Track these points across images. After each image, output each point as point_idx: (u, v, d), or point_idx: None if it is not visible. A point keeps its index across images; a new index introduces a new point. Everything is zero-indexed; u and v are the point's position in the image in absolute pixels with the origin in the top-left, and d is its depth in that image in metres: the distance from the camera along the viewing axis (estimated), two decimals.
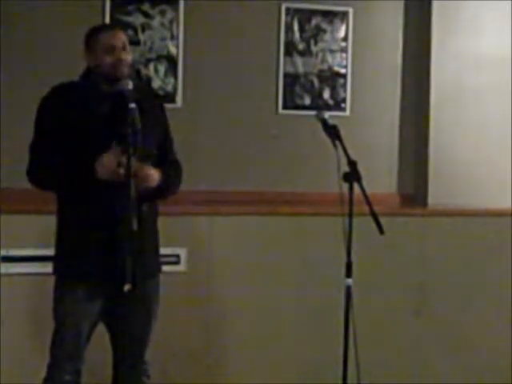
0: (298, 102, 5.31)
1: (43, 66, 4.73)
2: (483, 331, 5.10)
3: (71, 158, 3.30)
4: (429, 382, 4.99)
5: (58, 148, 3.32)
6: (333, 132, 3.68)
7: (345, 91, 5.38)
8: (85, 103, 3.35)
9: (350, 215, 3.57)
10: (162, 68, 5.05)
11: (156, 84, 5.01)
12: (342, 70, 5.38)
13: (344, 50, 5.37)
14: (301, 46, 5.30)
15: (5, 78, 4.71)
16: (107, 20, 4.83)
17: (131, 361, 3.50)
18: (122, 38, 3.42)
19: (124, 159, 3.20)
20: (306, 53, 5.31)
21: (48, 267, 3.49)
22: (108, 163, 3.24)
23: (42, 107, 3.43)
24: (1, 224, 4.22)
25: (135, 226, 3.20)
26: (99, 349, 3.58)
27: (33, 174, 3.40)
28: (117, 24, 3.76)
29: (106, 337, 3.53)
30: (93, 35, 3.45)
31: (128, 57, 3.41)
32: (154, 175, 3.34)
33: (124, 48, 3.40)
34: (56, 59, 4.75)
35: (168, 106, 3.66)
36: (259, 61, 5.22)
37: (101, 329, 3.51)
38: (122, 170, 3.21)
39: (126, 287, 3.32)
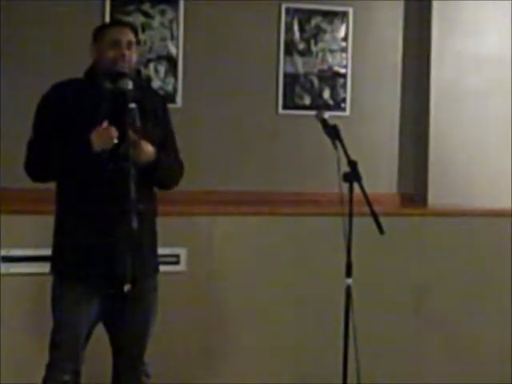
0: (298, 102, 5.31)
1: (43, 66, 4.73)
2: (483, 331, 5.09)
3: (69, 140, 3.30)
4: (429, 381, 4.99)
5: (56, 144, 3.31)
6: (333, 132, 3.68)
7: (345, 91, 5.39)
8: (85, 102, 3.34)
9: (350, 215, 3.57)
10: (162, 68, 5.05)
11: (156, 84, 5.01)
12: (342, 70, 5.38)
13: (344, 50, 5.37)
14: (301, 46, 5.30)
15: (5, 78, 4.72)
16: (107, 20, 4.84)
17: (130, 361, 3.50)
18: (128, 35, 3.41)
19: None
20: (306, 53, 5.31)
21: (48, 267, 3.49)
22: (100, 130, 3.25)
23: (42, 105, 3.42)
24: (1, 224, 4.22)
25: (135, 225, 3.20)
26: (99, 349, 3.58)
27: (31, 164, 3.38)
28: (128, 23, 3.75)
29: (106, 337, 3.53)
30: (102, 29, 3.47)
31: (132, 55, 3.40)
32: (147, 146, 3.32)
33: (129, 46, 3.39)
34: (56, 59, 4.75)
35: (168, 106, 3.66)
36: (259, 61, 5.23)
37: (100, 329, 3.51)
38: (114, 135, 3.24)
39: (126, 287, 3.33)
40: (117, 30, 3.42)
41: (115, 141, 3.25)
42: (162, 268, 3.59)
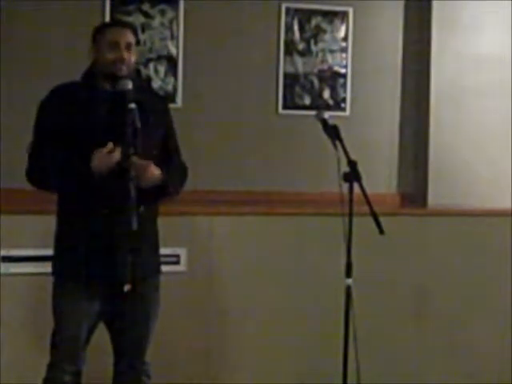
0: (298, 102, 5.31)
1: (43, 67, 4.73)
2: (483, 331, 5.10)
3: (71, 156, 3.29)
4: (429, 382, 4.99)
5: (57, 149, 3.31)
6: (333, 132, 3.68)
7: (345, 91, 5.38)
8: (84, 104, 3.34)
9: (350, 215, 3.57)
10: (161, 68, 5.05)
11: (156, 84, 5.01)
12: (342, 70, 5.38)
13: (344, 50, 5.37)
14: (301, 46, 5.30)
15: (5, 79, 4.72)
16: (107, 20, 4.83)
17: (131, 361, 3.50)
18: (127, 37, 3.40)
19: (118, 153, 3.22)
20: (306, 53, 5.31)
21: (48, 267, 3.49)
22: (102, 154, 3.24)
23: (41, 110, 3.42)
24: (1, 224, 4.22)
25: (135, 226, 3.20)
26: (100, 349, 3.58)
27: (32, 173, 3.39)
28: (127, 23, 3.75)
29: (107, 337, 3.53)
30: (101, 29, 3.45)
31: (131, 57, 3.39)
32: (154, 171, 3.32)
33: (128, 47, 3.38)
34: (56, 59, 4.75)
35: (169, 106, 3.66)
36: (259, 61, 5.22)
37: (101, 329, 3.51)
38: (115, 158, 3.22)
39: (126, 287, 3.32)
40: (116, 31, 3.41)
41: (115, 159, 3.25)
42: (162, 268, 3.59)
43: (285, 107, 5.29)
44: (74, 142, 3.29)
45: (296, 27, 5.28)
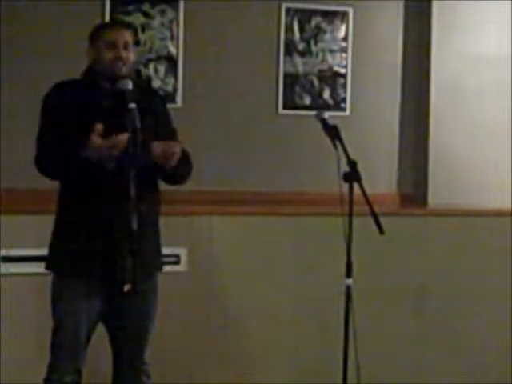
0: (298, 102, 5.31)
1: (43, 66, 4.73)
2: (483, 331, 5.10)
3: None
4: (429, 381, 4.99)
5: (64, 138, 3.31)
6: (333, 132, 3.68)
7: (345, 91, 5.39)
8: (85, 102, 3.34)
9: (350, 215, 3.57)
10: (161, 68, 5.05)
11: (156, 84, 5.01)
12: (342, 70, 5.38)
13: (344, 50, 5.37)
14: (301, 46, 5.30)
15: (5, 78, 4.72)
16: (107, 20, 4.83)
17: (130, 361, 3.50)
18: (124, 36, 3.41)
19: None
20: (306, 53, 5.31)
21: None
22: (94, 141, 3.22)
23: (45, 104, 3.43)
24: (1, 224, 4.22)
25: (135, 226, 3.19)
26: (99, 349, 3.58)
27: (41, 159, 3.36)
28: (124, 23, 3.76)
29: (106, 337, 3.53)
30: (98, 30, 3.47)
31: (129, 55, 3.40)
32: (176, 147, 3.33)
33: (125, 46, 3.39)
34: (56, 59, 4.75)
35: (168, 106, 3.66)
36: (259, 61, 5.23)
37: (100, 329, 3.51)
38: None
39: (126, 287, 3.32)
40: (113, 31, 3.43)
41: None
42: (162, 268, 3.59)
43: (285, 107, 5.29)
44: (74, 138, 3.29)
45: (296, 27, 5.28)
